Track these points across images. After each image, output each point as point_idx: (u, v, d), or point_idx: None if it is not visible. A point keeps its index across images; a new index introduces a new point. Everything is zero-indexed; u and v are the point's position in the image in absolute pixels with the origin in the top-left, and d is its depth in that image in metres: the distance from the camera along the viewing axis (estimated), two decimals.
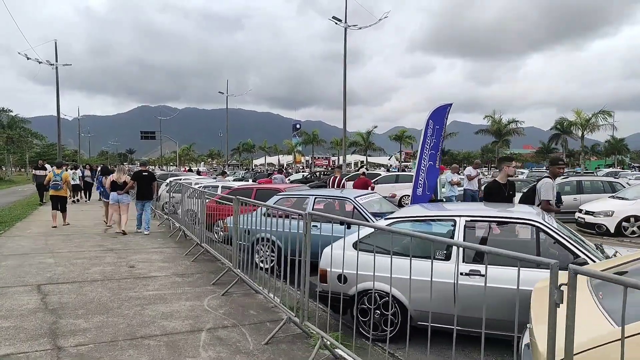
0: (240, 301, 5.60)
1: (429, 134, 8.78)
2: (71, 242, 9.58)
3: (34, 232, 10.94)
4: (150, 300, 5.48)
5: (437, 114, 8.90)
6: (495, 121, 37.14)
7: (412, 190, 8.76)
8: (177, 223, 11.69)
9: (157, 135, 76.78)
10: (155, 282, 6.39)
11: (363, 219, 6.83)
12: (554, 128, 65.46)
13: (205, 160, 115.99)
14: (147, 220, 11.14)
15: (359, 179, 11.04)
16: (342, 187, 10.96)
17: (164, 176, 21.80)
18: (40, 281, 6.29)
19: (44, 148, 63.42)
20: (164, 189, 16.55)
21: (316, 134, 60.25)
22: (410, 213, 4.99)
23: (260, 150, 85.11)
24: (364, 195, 7.45)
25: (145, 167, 12.39)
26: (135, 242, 9.81)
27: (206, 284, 6.35)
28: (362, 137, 52.31)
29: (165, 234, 11.10)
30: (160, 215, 14.37)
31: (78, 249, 8.74)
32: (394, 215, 4.85)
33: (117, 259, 7.93)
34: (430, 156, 8.83)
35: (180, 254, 8.49)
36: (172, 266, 7.45)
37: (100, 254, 8.35)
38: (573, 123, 35.48)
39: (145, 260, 7.83)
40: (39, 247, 8.92)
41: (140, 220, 11.23)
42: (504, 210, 4.87)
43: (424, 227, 4.86)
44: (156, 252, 8.69)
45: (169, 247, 9.22)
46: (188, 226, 10.10)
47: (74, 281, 6.33)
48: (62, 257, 7.93)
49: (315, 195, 7.42)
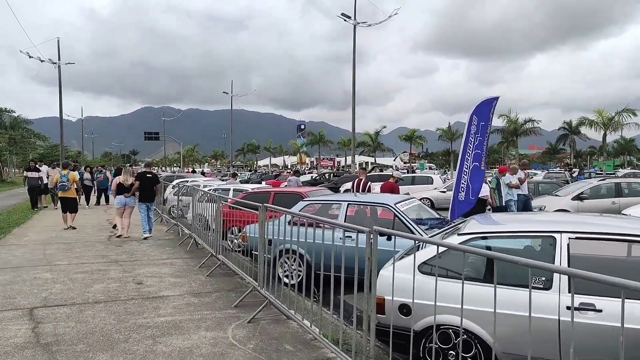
0: (271, 331, 4.66)
1: (472, 132, 7.84)
2: (71, 252, 8.68)
3: (31, 239, 10.04)
4: (164, 330, 4.55)
5: (481, 108, 7.95)
6: (512, 120, 35.98)
7: (452, 195, 7.80)
8: (186, 229, 10.80)
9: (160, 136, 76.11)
10: (168, 303, 5.47)
11: (406, 229, 5.89)
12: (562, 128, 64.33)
13: (209, 162, 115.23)
14: (152, 224, 10.89)
15: (387, 183, 10.03)
16: (368, 190, 10.01)
17: (170, 178, 20.91)
18: (34, 303, 5.38)
19: (47, 149, 62.74)
20: (171, 192, 15.68)
21: (323, 134, 59.31)
22: (490, 228, 4.03)
23: (265, 151, 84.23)
24: (404, 201, 6.51)
25: (150, 169, 11.88)
26: (141, 251, 8.90)
27: (227, 306, 5.42)
28: (370, 138, 51.22)
29: (174, 241, 10.19)
30: (168, 220, 13.46)
31: (79, 261, 7.84)
32: (467, 229, 3.90)
33: (123, 273, 7.02)
34: (474, 156, 7.88)
35: (192, 267, 7.57)
36: (185, 282, 6.52)
37: (104, 266, 7.44)
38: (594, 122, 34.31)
39: (154, 275, 6.91)
40: (36, 258, 8.02)
41: (145, 224, 10.64)
42: (623, 223, 3.85)
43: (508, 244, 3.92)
44: (165, 264, 7.77)
45: (179, 258, 8.30)
46: (199, 234, 9.18)
47: (73, 303, 5.41)
48: (61, 271, 7.02)
49: (349, 201, 6.48)
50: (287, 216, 6.87)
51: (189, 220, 12.21)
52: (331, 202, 6.76)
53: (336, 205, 6.71)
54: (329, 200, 6.89)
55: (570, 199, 12.96)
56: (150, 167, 12.94)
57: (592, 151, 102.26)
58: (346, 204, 6.46)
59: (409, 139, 51.50)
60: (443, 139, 52.09)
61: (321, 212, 7.00)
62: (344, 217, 6.38)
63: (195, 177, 21.92)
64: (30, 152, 56.82)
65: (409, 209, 6.44)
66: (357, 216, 6.73)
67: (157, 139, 76.60)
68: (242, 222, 8.95)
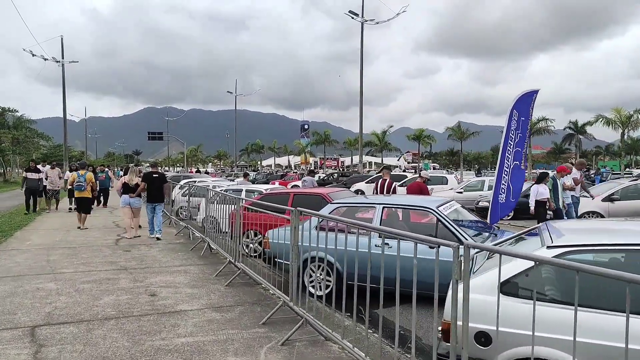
0: (310, 356, 4.03)
1: (512, 127, 7.20)
2: (77, 257, 8.07)
3: (34, 243, 9.44)
4: (187, 356, 3.92)
5: (521, 103, 7.31)
6: None
7: (492, 197, 7.15)
8: (197, 232, 10.20)
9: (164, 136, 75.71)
10: (187, 320, 4.84)
11: (452, 236, 5.25)
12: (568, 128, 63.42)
13: (213, 162, 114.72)
14: (159, 224, 10.44)
15: (415, 183, 9.35)
16: (393, 192, 9.36)
17: (177, 178, 20.30)
18: (36, 320, 4.76)
19: (51, 149, 62.32)
20: (179, 192, 15.08)
21: (328, 134, 58.57)
22: (590, 239, 3.34)
23: (269, 151, 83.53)
24: (445, 204, 5.87)
25: (156, 168, 11.52)
26: (151, 257, 8.29)
27: (254, 324, 4.79)
28: (377, 137, 50.51)
29: (185, 246, 9.57)
30: (176, 221, 12.84)
31: (86, 268, 7.22)
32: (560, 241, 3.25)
33: (134, 282, 6.40)
34: (515, 155, 7.24)
35: (209, 275, 6.95)
36: (204, 293, 5.90)
37: (113, 274, 6.82)
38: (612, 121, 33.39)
39: (168, 285, 6.29)
40: (39, 265, 7.41)
41: (152, 224, 10.38)
42: None
43: (604, 259, 3.27)
44: (179, 271, 7.15)
45: (193, 265, 7.68)
46: (214, 238, 8.57)
47: (80, 320, 4.79)
48: (66, 280, 6.40)
49: (385, 203, 5.83)
50: (313, 220, 6.25)
51: (200, 222, 11.64)
52: (364, 205, 6.11)
53: (369, 208, 6.07)
54: (362, 202, 6.24)
55: (600, 200, 12.30)
56: (156, 167, 12.45)
57: (598, 151, 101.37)
58: (381, 206, 5.82)
59: (417, 138, 50.65)
60: (453, 138, 51.32)
61: (350, 216, 6.37)
62: (379, 221, 5.75)
63: (203, 177, 21.29)
64: (34, 152, 56.41)
65: (451, 212, 5.80)
66: (392, 220, 6.08)
67: (161, 138, 76.23)
68: (259, 225, 8.35)
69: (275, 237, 6.25)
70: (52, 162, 17.21)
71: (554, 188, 9.35)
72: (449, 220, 5.42)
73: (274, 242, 6.34)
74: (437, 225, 5.46)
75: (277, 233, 6.24)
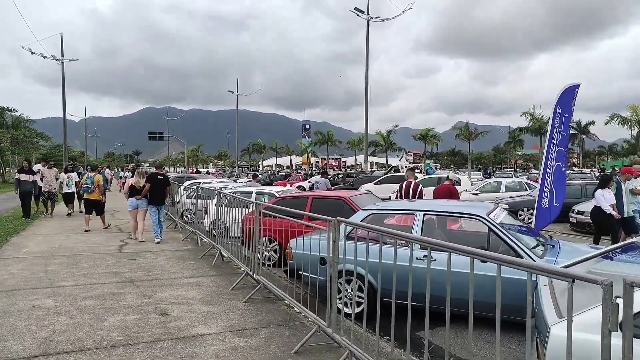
0: None
1: (556, 125, 6.52)
2: (78, 267, 7.40)
3: (31, 251, 8.77)
4: None
5: (564, 98, 6.63)
6: (536, 118, 34.37)
7: (536, 202, 6.48)
8: (205, 237, 9.56)
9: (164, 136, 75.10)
10: (206, 348, 4.17)
11: (508, 250, 4.59)
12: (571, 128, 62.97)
13: (213, 162, 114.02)
14: (162, 227, 10.34)
15: (443, 186, 8.64)
16: (420, 196, 8.67)
17: (180, 179, 19.62)
18: (31, 349, 4.09)
19: (50, 149, 61.63)
20: (183, 194, 14.41)
21: (331, 133, 57.83)
22: None
23: (271, 151, 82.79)
24: (494, 211, 5.20)
25: (161, 170, 11.13)
26: (159, 266, 7.62)
27: (285, 352, 4.12)
28: (382, 137, 49.76)
29: (194, 253, 8.90)
30: (182, 225, 12.18)
31: (87, 280, 6.55)
32: None
33: (141, 297, 5.73)
34: (557, 155, 6.57)
35: (223, 288, 6.28)
36: (221, 312, 5.23)
37: (117, 288, 6.15)
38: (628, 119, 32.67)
39: (180, 301, 5.62)
40: (36, 277, 6.74)
41: (157, 229, 10.02)
42: None
43: None
44: (190, 284, 6.48)
45: (205, 276, 7.01)
46: (228, 245, 7.91)
47: (82, 348, 4.12)
48: (66, 296, 5.73)
49: (426, 211, 5.15)
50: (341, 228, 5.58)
51: (207, 226, 10.99)
52: (402, 212, 5.43)
53: (407, 216, 5.40)
54: (399, 209, 5.55)
55: None
56: (161, 168, 11.82)
57: (601, 151, 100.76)
58: (422, 214, 5.14)
59: (423, 138, 49.86)
60: (460, 137, 50.52)
61: (382, 224, 5.71)
62: (420, 230, 5.08)
63: (208, 178, 20.60)
64: (34, 152, 55.70)
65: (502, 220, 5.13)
66: (435, 229, 5.41)
67: (162, 138, 75.65)
68: (275, 232, 7.70)
69: (300, 247, 5.59)
70: (49, 161, 15.66)
71: (617, 193, 8.17)
72: (504, 231, 4.74)
73: (298, 253, 5.67)
74: (490, 236, 4.79)
75: (302, 243, 5.59)
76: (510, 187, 16.83)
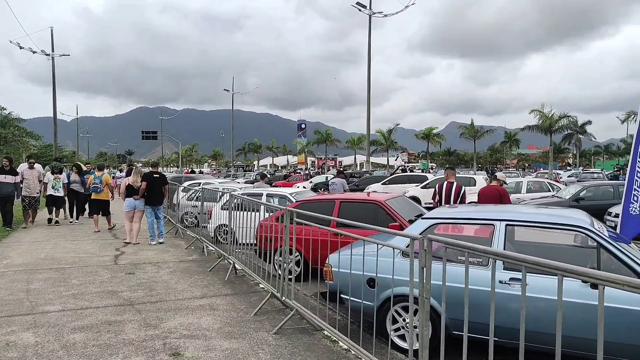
0: None
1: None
2: (66, 284, 6.25)
3: (13, 263, 7.60)
4: None
5: None
6: (546, 116, 33.35)
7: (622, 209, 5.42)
8: (211, 245, 8.52)
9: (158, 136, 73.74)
10: None
11: (626, 270, 3.52)
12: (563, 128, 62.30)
13: (208, 162, 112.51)
14: (162, 227, 9.88)
15: (490, 188, 7.51)
16: (462, 200, 7.56)
17: (178, 179, 18.41)
18: None
19: (41, 149, 59.98)
20: (183, 196, 13.25)
21: (330, 132, 56.63)
22: None
23: (267, 151, 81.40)
24: (594, 220, 4.12)
25: (157, 169, 10.35)
26: (162, 282, 6.49)
27: None
28: (383, 136, 48.60)
29: (200, 264, 7.77)
30: (183, 231, 11.03)
31: (77, 303, 5.40)
32: None
33: (145, 328, 4.59)
34: None
35: (245, 313, 5.16)
36: (248, 349, 4.11)
37: (115, 314, 5.01)
38: None
39: (193, 333, 4.49)
40: (14, 298, 5.58)
41: (153, 231, 9.61)
42: None
43: None
44: (203, 307, 5.35)
45: (219, 295, 5.88)
46: (240, 257, 6.81)
47: None
48: (50, 327, 4.59)
49: (508, 221, 4.06)
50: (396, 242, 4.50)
51: (211, 231, 9.89)
52: (478, 222, 4.32)
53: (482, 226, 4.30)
54: (471, 217, 4.44)
55: None
56: (157, 167, 10.77)
57: (597, 150, 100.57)
58: (503, 224, 4.05)
59: (426, 137, 48.72)
60: (465, 137, 49.41)
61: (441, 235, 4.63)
62: (503, 246, 3.99)
63: (208, 179, 19.43)
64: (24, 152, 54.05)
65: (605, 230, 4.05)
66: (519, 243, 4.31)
67: (155, 138, 74.24)
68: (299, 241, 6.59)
69: (342, 266, 4.49)
70: (30, 159, 12.78)
71: None
72: (618, 247, 3.67)
73: (341, 272, 4.57)
74: (599, 254, 3.71)
75: (345, 260, 4.49)
76: (532, 188, 15.85)
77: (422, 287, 2.80)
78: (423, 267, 2.79)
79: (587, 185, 13.23)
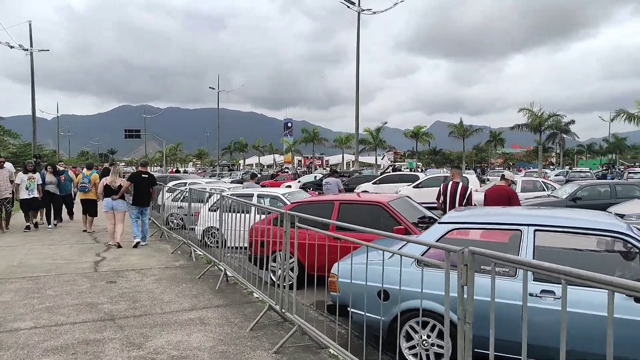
0: None
1: None
2: (40, 295, 5.68)
3: None
4: None
5: None
6: (536, 115, 33.35)
7: None
8: (199, 250, 8.01)
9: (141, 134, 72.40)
10: None
11: None
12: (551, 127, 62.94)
13: (193, 161, 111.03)
14: (146, 231, 9.54)
15: (497, 188, 7.11)
16: (468, 202, 7.16)
17: (163, 179, 17.75)
18: None
19: (20, 148, 58.27)
20: (169, 197, 12.66)
21: (317, 131, 56.13)
22: None
23: (253, 150, 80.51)
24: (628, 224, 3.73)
25: (146, 168, 10.00)
26: (147, 292, 5.95)
27: None
28: (371, 135, 48.25)
29: (188, 271, 7.23)
30: (169, 233, 10.45)
31: (51, 319, 4.85)
32: None
33: (128, 348, 4.07)
34: None
35: (238, 327, 4.67)
36: None
37: (94, 332, 4.47)
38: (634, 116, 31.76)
39: (183, 354, 3.98)
40: None
41: (137, 229, 9.23)
42: None
43: None
44: (193, 321, 4.84)
45: (210, 307, 5.37)
46: (232, 264, 6.31)
47: None
48: (18, 349, 4.04)
49: (537, 226, 3.64)
50: (409, 249, 4.07)
51: (198, 234, 9.36)
52: (503, 227, 3.88)
53: (507, 231, 3.87)
54: (495, 221, 4.00)
55: None
56: (146, 166, 10.24)
57: (580, 150, 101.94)
58: (531, 229, 3.63)
59: (415, 135, 48.49)
60: (454, 135, 49.33)
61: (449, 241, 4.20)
62: (532, 253, 3.58)
63: (195, 178, 18.81)
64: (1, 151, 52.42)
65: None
66: (549, 251, 3.89)
67: (139, 136, 72.84)
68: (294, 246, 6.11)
69: (348, 276, 4.04)
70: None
71: None
72: None
73: (346, 283, 4.12)
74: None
75: (351, 269, 4.03)
76: (526, 187, 15.61)
77: (461, 310, 2.35)
78: (463, 286, 2.34)
79: (584, 185, 13.00)
